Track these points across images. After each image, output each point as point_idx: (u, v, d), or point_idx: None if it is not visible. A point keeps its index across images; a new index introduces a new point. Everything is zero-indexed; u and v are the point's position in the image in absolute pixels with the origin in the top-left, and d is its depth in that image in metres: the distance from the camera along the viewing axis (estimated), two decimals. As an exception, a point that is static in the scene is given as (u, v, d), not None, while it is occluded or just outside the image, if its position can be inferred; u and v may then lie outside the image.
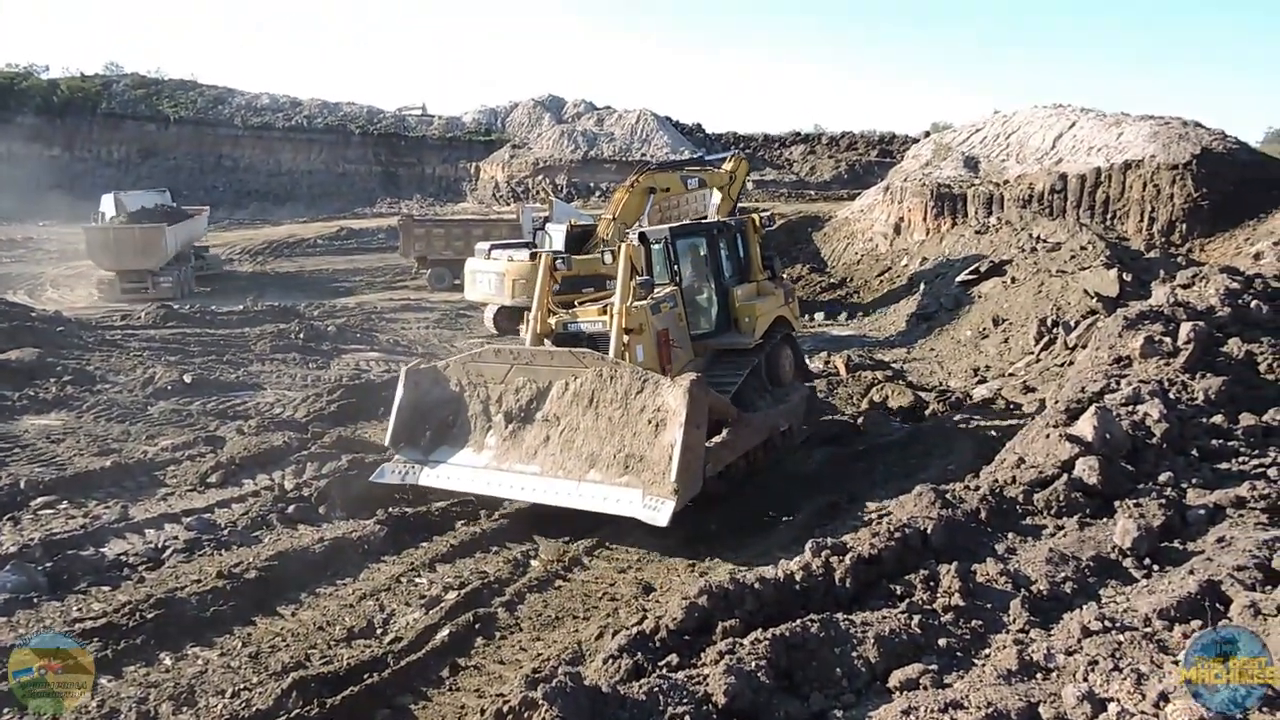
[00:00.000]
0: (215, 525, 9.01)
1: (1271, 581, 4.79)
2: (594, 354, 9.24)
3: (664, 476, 8.03)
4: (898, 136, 58.60)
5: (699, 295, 11.38)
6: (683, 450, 7.97)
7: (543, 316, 10.35)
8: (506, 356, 9.74)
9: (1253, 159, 25.90)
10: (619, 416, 8.65)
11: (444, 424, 9.78)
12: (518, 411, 9.38)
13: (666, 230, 11.25)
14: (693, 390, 8.14)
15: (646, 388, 8.58)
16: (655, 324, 9.97)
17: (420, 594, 7.55)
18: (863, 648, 4.34)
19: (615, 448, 8.57)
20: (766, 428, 10.64)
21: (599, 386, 8.88)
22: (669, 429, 8.20)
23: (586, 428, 8.85)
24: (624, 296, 9.55)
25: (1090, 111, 29.60)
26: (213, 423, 12.77)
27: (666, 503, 7.93)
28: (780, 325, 12.06)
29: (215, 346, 18.02)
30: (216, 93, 61.51)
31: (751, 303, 11.47)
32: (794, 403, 11.63)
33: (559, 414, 9.11)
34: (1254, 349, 9.17)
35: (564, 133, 58.23)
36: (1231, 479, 6.63)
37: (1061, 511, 6.33)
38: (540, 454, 9.03)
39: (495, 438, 9.40)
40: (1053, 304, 18.27)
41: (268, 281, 30.38)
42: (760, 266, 12.27)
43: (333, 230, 41.30)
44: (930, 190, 28.64)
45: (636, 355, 9.61)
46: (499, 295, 20.21)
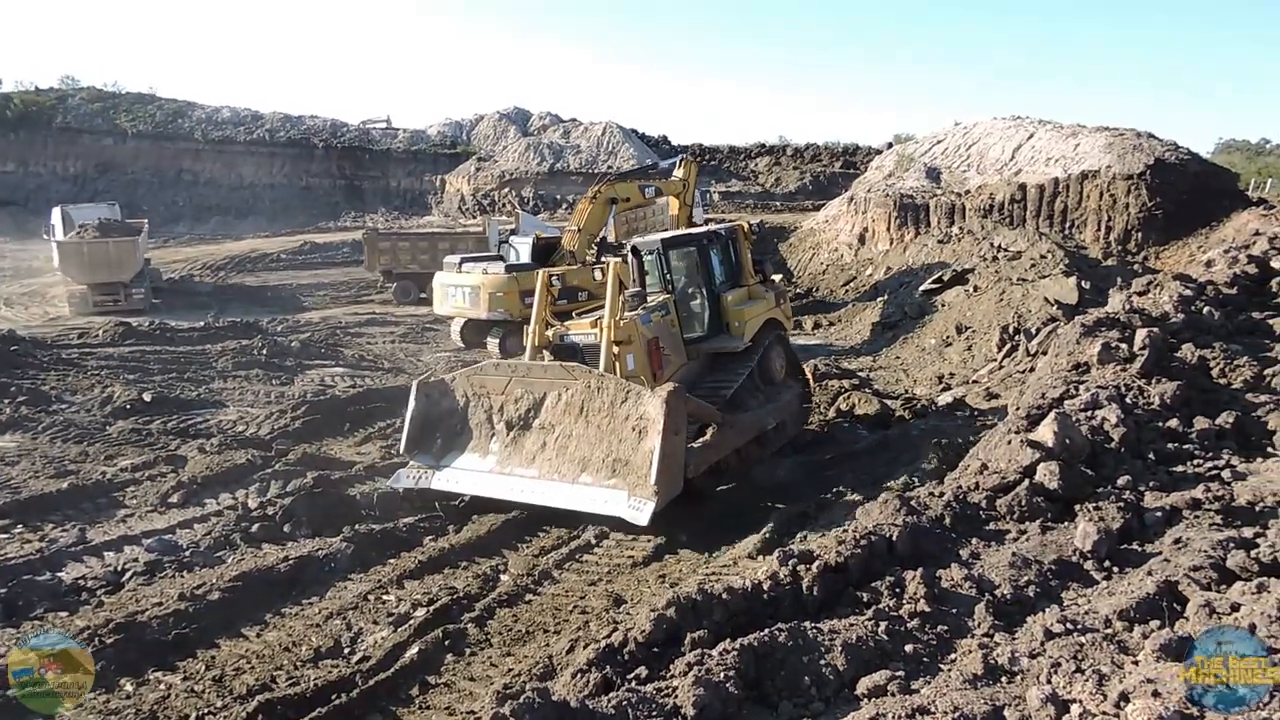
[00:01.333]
0: (177, 546, 8.85)
1: (1226, 581, 4.91)
2: (583, 367, 9.91)
3: (645, 479, 8.70)
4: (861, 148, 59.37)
5: (692, 301, 11.83)
6: (661, 455, 8.60)
7: (540, 330, 10.91)
8: (506, 370, 10.46)
9: (1204, 169, 26.60)
10: (606, 424, 9.33)
11: (452, 432, 10.41)
12: (517, 420, 10.05)
13: (659, 241, 11.82)
14: (670, 400, 8.77)
15: (630, 398, 9.25)
16: (645, 333, 10.54)
17: (388, 612, 7.47)
18: (830, 656, 4.37)
19: (604, 453, 9.24)
20: (754, 427, 11.17)
21: (588, 397, 9.55)
22: (649, 436, 8.85)
23: (578, 435, 9.52)
24: (613, 311, 10.16)
25: (1048, 123, 30.24)
26: (174, 441, 12.54)
27: (648, 503, 8.58)
28: (772, 326, 12.49)
29: (176, 364, 17.72)
30: (176, 106, 60.53)
31: (742, 307, 11.94)
32: (786, 400, 12.16)
33: (554, 422, 9.78)
34: (1206, 354, 9.39)
35: (530, 145, 58.18)
36: (1187, 481, 6.78)
37: (1024, 516, 6.42)
38: (538, 459, 9.71)
39: (498, 444, 10.09)
40: (1014, 312, 18.58)
41: (230, 297, 29.96)
42: (751, 271, 12.69)
43: (296, 244, 40.83)
44: (893, 201, 29.04)
45: (627, 364, 10.22)
46: (473, 309, 19.94)
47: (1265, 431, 7.67)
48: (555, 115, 62.50)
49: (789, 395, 12.33)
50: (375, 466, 11.43)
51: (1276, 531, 5.62)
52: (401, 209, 56.36)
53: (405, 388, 15.92)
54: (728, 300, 11.84)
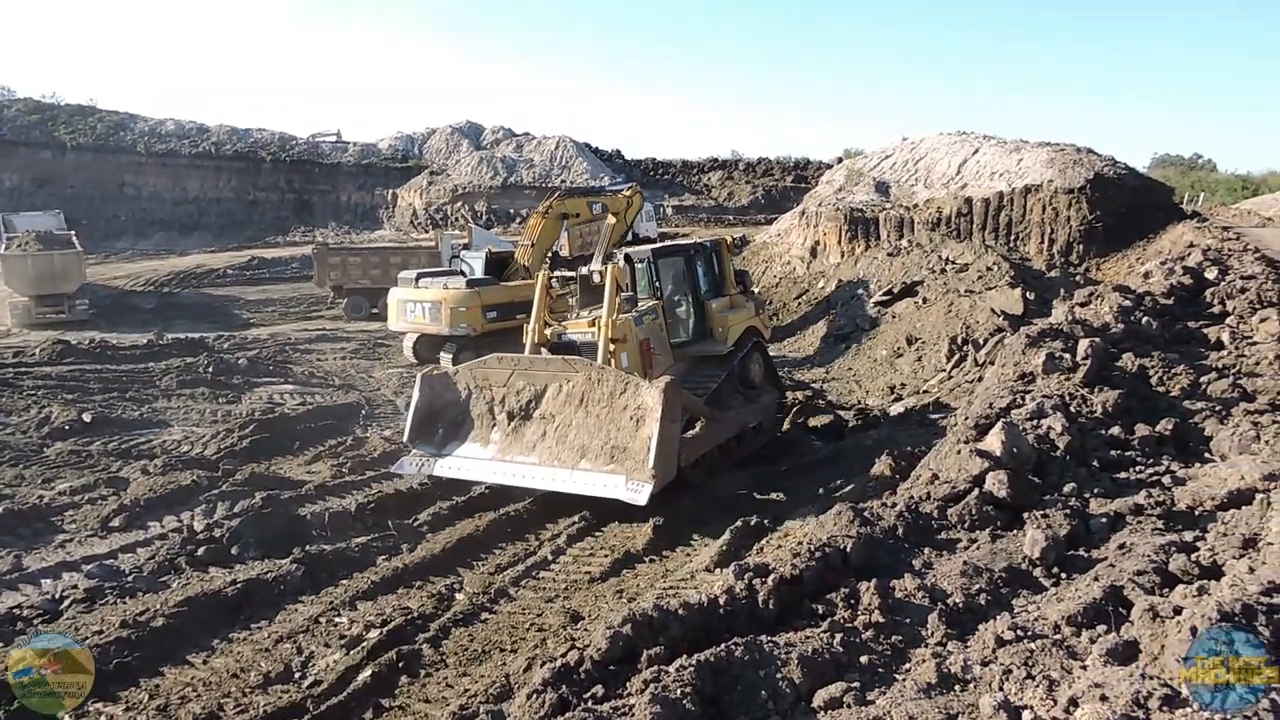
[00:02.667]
0: (118, 572, 8.61)
1: (1169, 584, 5.02)
2: (585, 360, 10.52)
3: (643, 464, 9.27)
4: (812, 162, 60.34)
5: (678, 308, 12.61)
6: (659, 442, 9.20)
7: (540, 328, 11.65)
8: (509, 363, 10.95)
9: (1141, 183, 27.48)
10: (605, 414, 9.86)
11: (454, 422, 10.89)
12: (518, 410, 10.54)
13: (650, 251, 12.59)
14: (667, 391, 9.41)
15: (629, 389, 9.81)
16: (638, 334, 11.26)
17: (340, 634, 7.33)
18: (786, 669, 4.38)
19: (603, 440, 9.75)
20: (737, 424, 12.02)
21: (588, 388, 10.09)
22: (647, 424, 9.43)
23: (578, 424, 10.04)
24: (610, 311, 10.82)
25: (992, 139, 30.98)
26: (115, 463, 12.19)
27: (645, 485, 9.16)
28: (751, 334, 13.29)
29: (117, 383, 17.24)
30: (118, 118, 59.19)
31: (725, 314, 12.79)
32: (764, 403, 13.00)
33: (554, 412, 10.29)
34: (1146, 363, 9.67)
35: (483, 159, 58.01)
36: (1130, 487, 6.95)
37: (974, 525, 6.51)
38: (539, 447, 10.19)
39: (499, 433, 10.57)
40: (962, 323, 18.95)
41: (174, 314, 29.30)
42: (733, 282, 13.51)
43: (244, 259, 40.14)
44: (844, 214, 29.45)
45: (621, 362, 10.85)
46: (434, 324, 19.62)
47: (1202, 437, 7.90)
48: (508, 129, 62.47)
49: (767, 399, 13.15)
50: (326, 485, 11.25)
51: (1215, 535, 5.78)
52: (352, 223, 55.77)
53: (357, 405, 15.83)
54: (712, 308, 12.67)
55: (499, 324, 19.30)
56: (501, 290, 20.10)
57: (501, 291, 20.05)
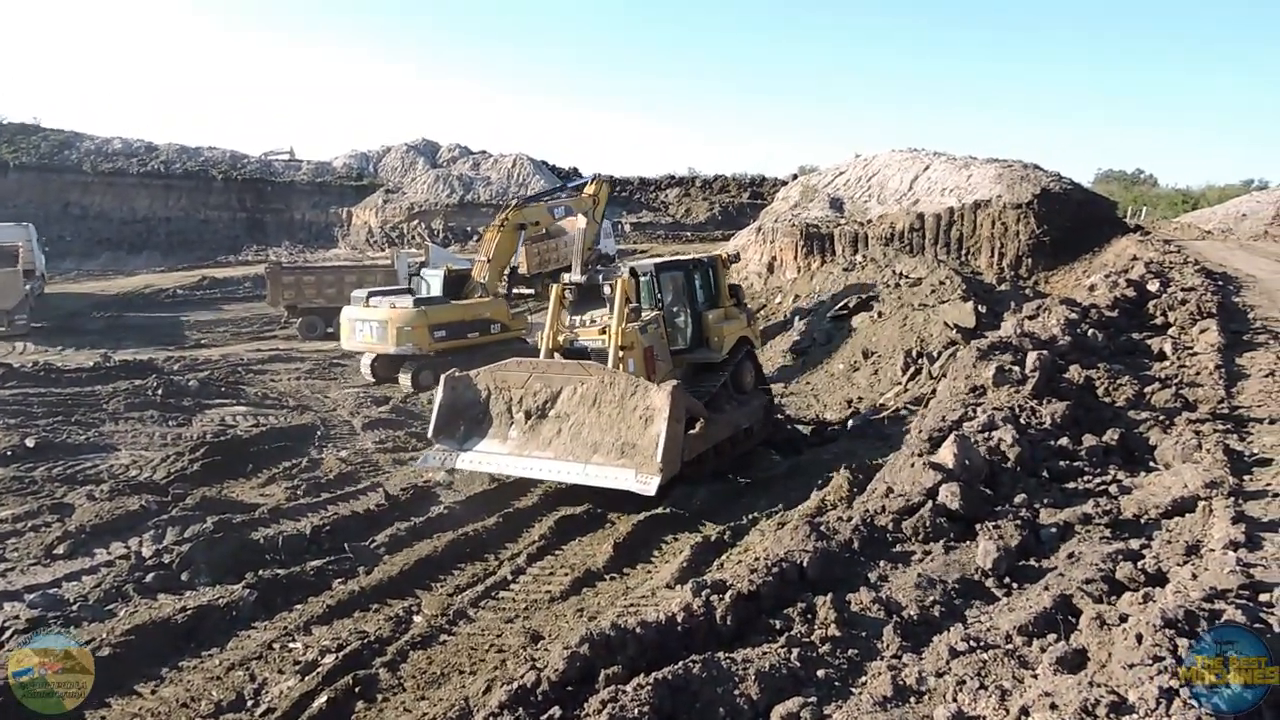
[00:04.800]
0: (62, 601, 8.36)
1: (1116, 592, 5.13)
2: (599, 365, 11.45)
3: (652, 459, 10.14)
4: (768, 179, 60.96)
5: (677, 318, 13.48)
6: (666, 439, 10.11)
7: (553, 335, 12.61)
8: (527, 366, 11.87)
9: (1085, 197, 28.25)
10: (617, 414, 10.73)
11: (474, 420, 11.80)
12: (535, 410, 11.42)
13: (653, 265, 13.51)
14: (674, 393, 10.38)
15: (639, 391, 10.74)
16: (643, 342, 12.14)
17: (295, 660, 7.20)
18: (744, 685, 4.39)
19: (614, 438, 10.63)
20: (731, 426, 12.84)
21: (601, 390, 10.97)
22: (655, 423, 10.32)
23: (591, 422, 10.90)
24: (619, 320, 11.72)
25: (942, 155, 31.63)
26: (59, 489, 11.83)
27: (654, 478, 10.04)
28: (744, 343, 14.23)
29: (62, 406, 16.75)
30: (62, 137, 57.88)
31: (720, 325, 13.67)
32: (754, 407, 13.86)
33: (569, 411, 11.17)
34: (1092, 374, 9.90)
35: (439, 177, 57.76)
36: (1078, 497, 7.09)
37: (928, 537, 6.59)
38: (554, 443, 11.06)
39: (517, 431, 11.44)
40: (917, 336, 19.24)
41: (122, 334, 28.63)
42: (728, 295, 14.35)
43: (194, 279, 39.41)
44: (800, 230, 29.81)
45: (628, 367, 11.70)
46: (381, 343, 19.59)
47: (1147, 447, 8.11)
48: (464, 147, 62.31)
49: (757, 403, 14.02)
50: (280, 508, 11.05)
51: (1160, 542, 5.92)
52: (306, 242, 55.10)
53: (312, 425, 15.59)
54: (708, 318, 13.57)
55: (448, 343, 19.38)
56: (451, 309, 20.13)
57: (451, 310, 20.09)
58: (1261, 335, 12.12)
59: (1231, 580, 4.77)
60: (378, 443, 14.59)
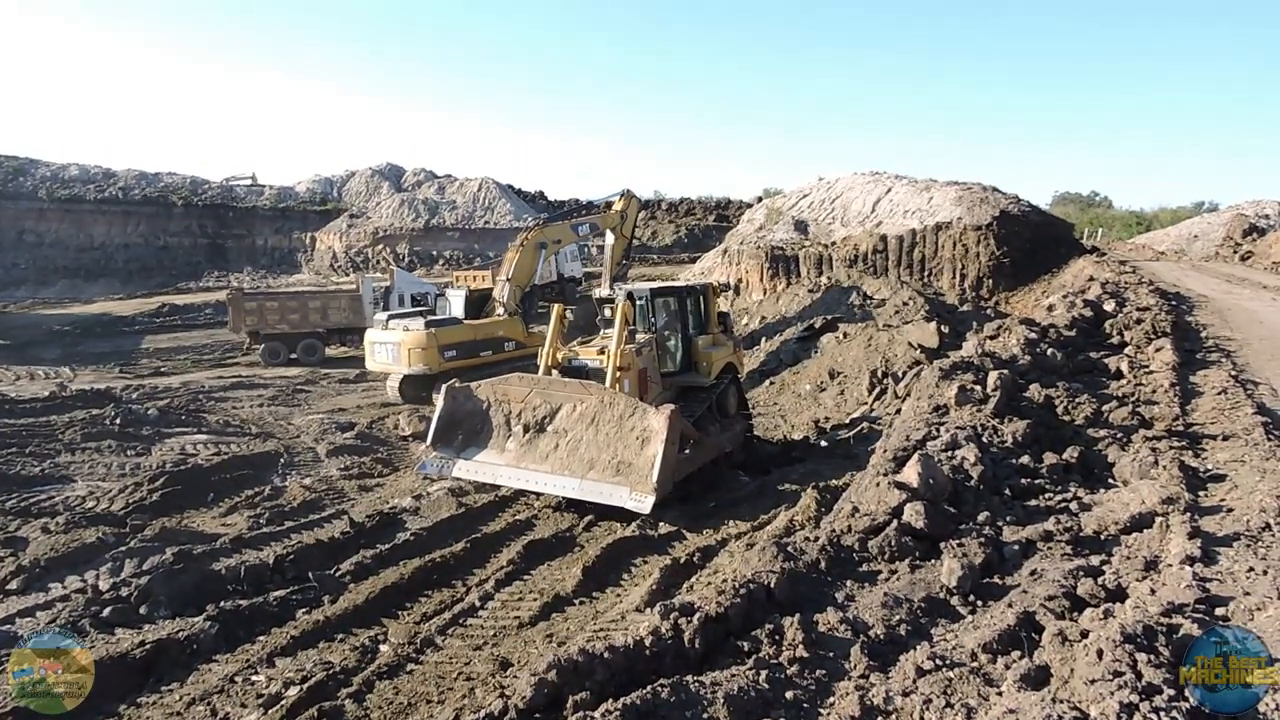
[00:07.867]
0: (15, 637, 8.14)
1: (1078, 609, 5.20)
2: (599, 385, 11.68)
3: (647, 479, 10.44)
4: (733, 202, 61.46)
5: (669, 342, 13.86)
6: (662, 460, 10.42)
7: (553, 353, 12.87)
8: (529, 382, 12.11)
9: (1043, 219, 28.87)
10: (614, 433, 11.01)
11: (473, 430, 12.06)
12: (534, 424, 11.69)
13: (649, 289, 13.94)
14: (672, 417, 10.69)
15: (637, 412, 11.03)
16: (638, 364, 12.49)
17: (258, 693, 7.07)
18: (713, 709, 4.38)
19: (610, 455, 10.90)
20: (717, 448, 13.26)
21: (600, 410, 11.24)
22: (652, 444, 10.61)
23: (588, 439, 11.14)
24: (618, 342, 12.04)
25: (903, 178, 32.17)
26: (12, 522, 11.55)
27: (649, 497, 10.33)
28: (729, 369, 14.60)
29: (15, 437, 16.34)
30: (17, 164, 56.83)
31: (709, 350, 14.06)
32: (736, 431, 14.30)
33: (567, 428, 11.42)
34: (1052, 393, 10.07)
35: (404, 201, 57.54)
36: (1040, 514, 7.19)
37: (894, 556, 6.63)
38: (551, 458, 11.30)
39: (515, 443, 11.70)
40: (881, 356, 19.46)
41: (78, 363, 28.05)
42: (717, 321, 14.72)
43: (154, 306, 38.77)
44: (765, 252, 30.11)
45: (624, 387, 11.97)
46: (396, 365, 20.49)
47: (1106, 464, 8.24)
48: (430, 171, 62.20)
49: (738, 427, 14.44)
50: (242, 538, 10.85)
51: (1119, 558, 6.02)
52: (269, 268, 54.47)
53: (275, 453, 15.36)
54: (698, 344, 13.98)
55: (459, 362, 20.29)
56: (463, 329, 21.11)
57: (463, 330, 21.07)
58: (1214, 353, 12.41)
59: (1188, 595, 4.86)
60: (342, 469, 14.42)
